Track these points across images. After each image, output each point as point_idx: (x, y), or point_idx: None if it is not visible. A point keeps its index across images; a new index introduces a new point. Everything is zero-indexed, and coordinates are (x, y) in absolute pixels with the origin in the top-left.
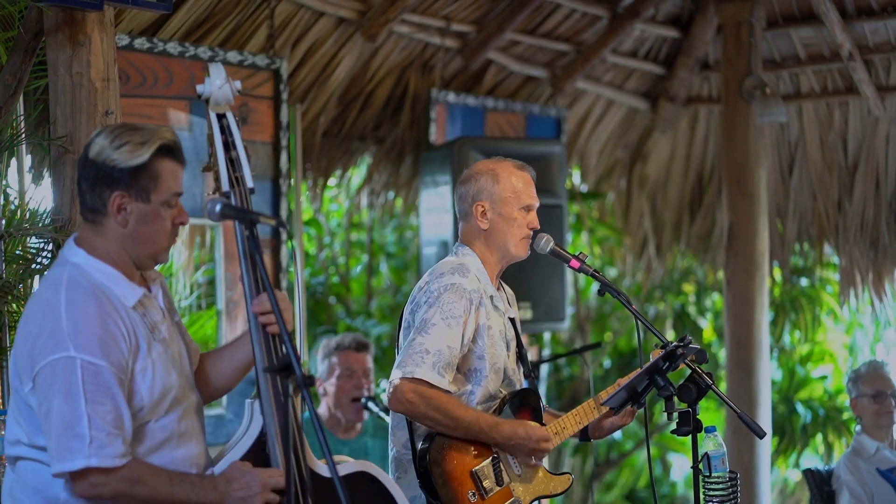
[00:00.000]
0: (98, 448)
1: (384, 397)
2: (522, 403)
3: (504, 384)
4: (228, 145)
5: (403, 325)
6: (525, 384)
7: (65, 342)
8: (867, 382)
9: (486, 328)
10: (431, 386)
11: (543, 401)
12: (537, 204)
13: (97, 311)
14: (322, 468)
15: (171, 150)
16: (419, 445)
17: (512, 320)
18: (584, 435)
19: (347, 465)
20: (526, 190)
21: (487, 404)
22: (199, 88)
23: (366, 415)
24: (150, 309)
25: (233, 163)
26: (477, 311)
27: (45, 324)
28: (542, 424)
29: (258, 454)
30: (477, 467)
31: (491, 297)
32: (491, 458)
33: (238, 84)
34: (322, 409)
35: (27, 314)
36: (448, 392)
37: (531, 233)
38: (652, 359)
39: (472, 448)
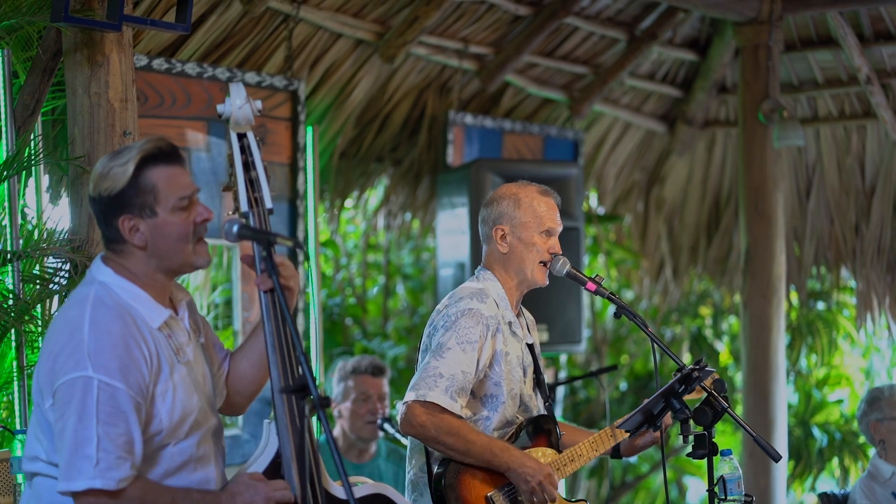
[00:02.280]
0: (104, 470)
1: (399, 419)
2: (538, 430)
3: (520, 410)
4: (248, 165)
5: (422, 347)
6: (542, 410)
7: (84, 362)
8: (894, 405)
9: (504, 354)
10: (443, 410)
11: (560, 417)
12: (560, 229)
13: (120, 332)
14: (338, 490)
15: (157, 157)
16: (435, 469)
17: (531, 346)
18: (616, 452)
19: (364, 486)
20: (548, 214)
21: (504, 430)
22: (220, 108)
23: (380, 435)
24: (176, 331)
25: (252, 183)
26: (494, 338)
27: (68, 342)
28: (559, 451)
29: (274, 476)
30: (491, 492)
31: (509, 324)
32: (506, 484)
33: (259, 104)
34: (336, 432)
35: (51, 331)
36: (460, 417)
37: (551, 258)
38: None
39: (488, 474)
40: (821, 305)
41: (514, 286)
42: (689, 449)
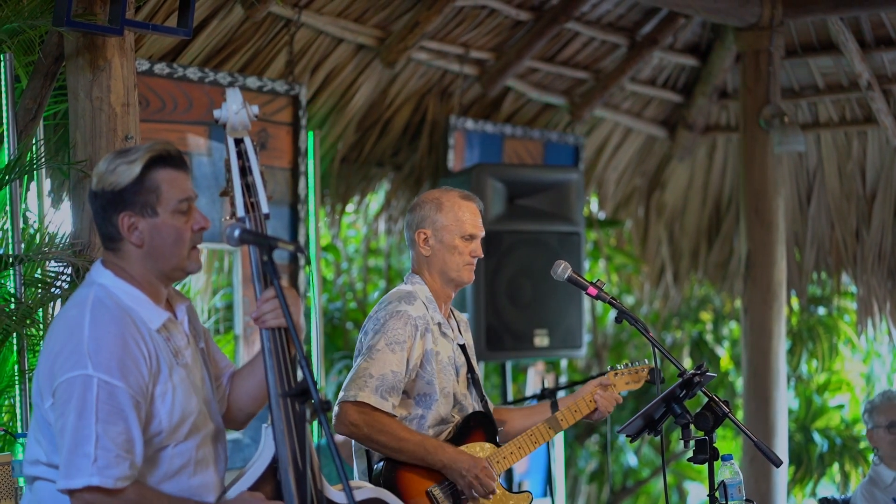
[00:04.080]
0: (102, 468)
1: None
2: (474, 426)
3: (455, 409)
4: (245, 170)
5: (356, 353)
6: (478, 408)
7: (84, 360)
8: (882, 413)
9: (434, 354)
10: (374, 409)
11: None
12: (482, 234)
13: (120, 331)
14: (335, 495)
15: (164, 160)
16: (374, 468)
17: (462, 346)
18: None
19: (363, 490)
20: (470, 220)
21: (439, 428)
22: (217, 113)
23: None
24: (175, 333)
25: (248, 188)
26: (423, 338)
27: (68, 342)
28: (497, 445)
29: (269, 481)
30: (431, 487)
31: (438, 325)
32: (445, 478)
33: (255, 109)
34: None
35: (51, 332)
36: (392, 416)
37: (474, 261)
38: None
39: (427, 469)
40: (821, 311)
41: (440, 288)
42: (690, 454)
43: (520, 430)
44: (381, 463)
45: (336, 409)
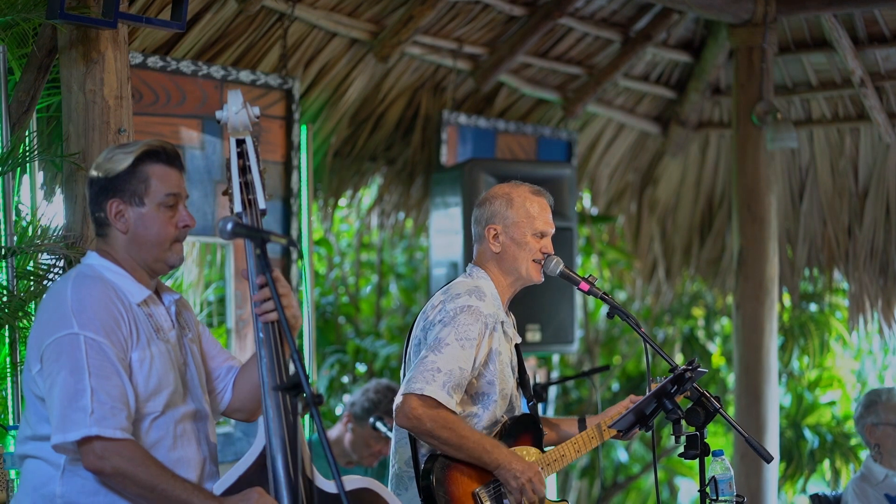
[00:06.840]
0: (99, 419)
1: (395, 411)
2: (522, 429)
3: (506, 410)
4: (244, 169)
5: (413, 342)
6: (525, 410)
7: (69, 320)
8: (890, 410)
9: (497, 354)
10: (439, 404)
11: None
12: (552, 230)
13: (101, 295)
14: (326, 485)
15: (158, 154)
16: (423, 463)
17: (517, 346)
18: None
19: (352, 481)
20: (540, 215)
21: (490, 429)
22: (218, 114)
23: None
24: (157, 312)
25: (247, 186)
26: (491, 336)
27: (55, 309)
28: (542, 450)
29: (259, 471)
30: (478, 489)
31: (502, 323)
32: (492, 480)
33: (256, 110)
34: (336, 431)
35: (40, 307)
36: (454, 412)
37: (544, 258)
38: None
39: (474, 470)
40: (813, 307)
41: (508, 285)
42: (681, 449)
43: (550, 440)
44: (431, 462)
45: (399, 399)
